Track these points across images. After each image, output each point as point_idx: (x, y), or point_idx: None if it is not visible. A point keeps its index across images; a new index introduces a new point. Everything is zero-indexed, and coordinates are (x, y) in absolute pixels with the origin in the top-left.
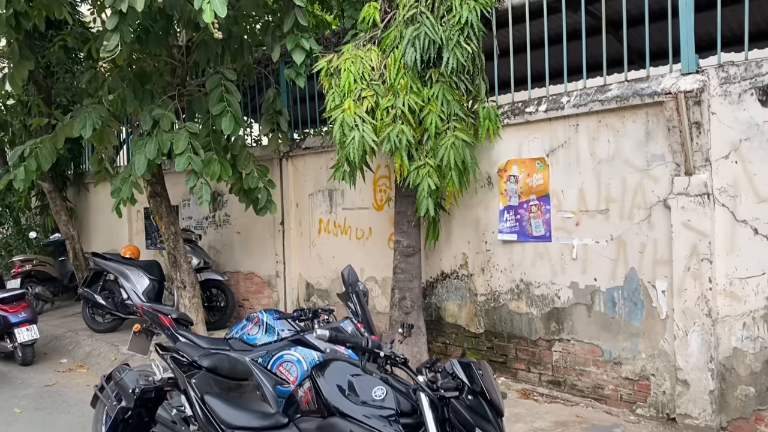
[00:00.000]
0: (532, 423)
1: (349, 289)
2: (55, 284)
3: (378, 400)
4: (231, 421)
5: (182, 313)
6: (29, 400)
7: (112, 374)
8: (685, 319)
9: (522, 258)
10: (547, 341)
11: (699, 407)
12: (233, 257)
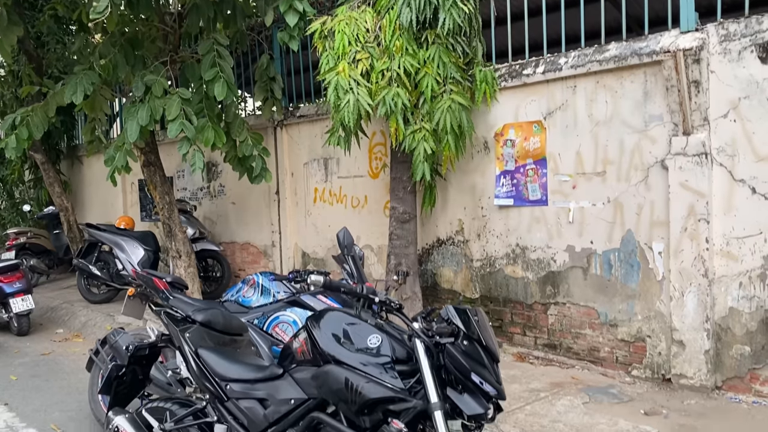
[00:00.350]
0: (528, 384)
1: (345, 251)
2: (50, 257)
3: (373, 348)
4: (225, 374)
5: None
6: (25, 368)
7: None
8: (681, 280)
9: (518, 223)
10: (542, 305)
11: (694, 367)
12: (228, 228)
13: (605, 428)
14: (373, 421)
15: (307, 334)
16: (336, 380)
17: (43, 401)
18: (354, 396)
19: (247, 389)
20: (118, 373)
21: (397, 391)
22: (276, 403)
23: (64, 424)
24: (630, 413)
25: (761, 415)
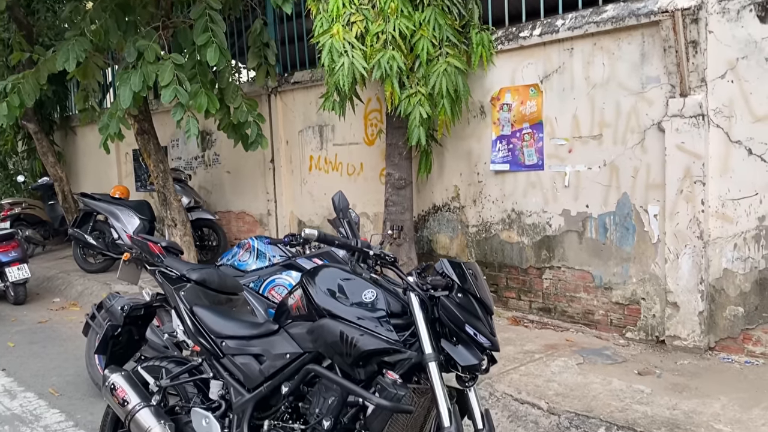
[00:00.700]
0: (522, 346)
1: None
2: (45, 228)
3: (368, 302)
4: (221, 331)
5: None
6: (22, 335)
7: (103, 302)
8: (676, 243)
9: (514, 188)
10: (537, 269)
11: (688, 328)
12: (224, 197)
13: (599, 388)
14: (368, 373)
15: (302, 290)
16: (331, 333)
17: (41, 367)
18: (349, 348)
19: (242, 345)
20: (113, 333)
21: (392, 343)
22: (271, 357)
23: (62, 388)
24: (623, 373)
25: (753, 374)
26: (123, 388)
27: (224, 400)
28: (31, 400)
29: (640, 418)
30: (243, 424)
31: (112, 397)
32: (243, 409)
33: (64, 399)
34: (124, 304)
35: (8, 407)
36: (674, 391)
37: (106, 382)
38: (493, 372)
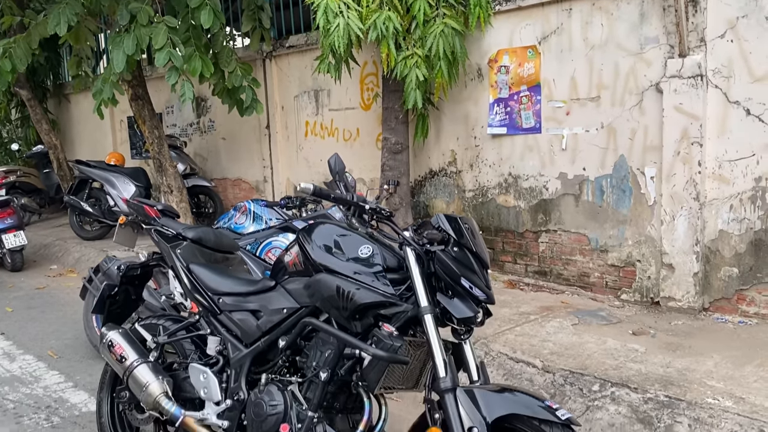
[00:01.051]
0: (518, 308)
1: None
2: (41, 196)
3: (364, 257)
4: (217, 288)
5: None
6: (20, 300)
7: (100, 265)
8: (672, 204)
9: (511, 151)
10: (534, 233)
11: (683, 290)
12: (219, 164)
13: (594, 347)
14: (364, 326)
15: (298, 246)
16: (328, 288)
17: (40, 330)
18: (345, 302)
19: (239, 302)
20: (110, 292)
21: (388, 296)
22: (268, 313)
23: (60, 350)
24: (618, 333)
25: (746, 334)
26: (120, 344)
27: (222, 356)
28: (30, 363)
29: (634, 375)
30: (241, 378)
31: (109, 353)
32: (241, 364)
33: (62, 361)
34: (121, 264)
35: (8, 369)
36: (668, 350)
37: (103, 339)
38: (489, 332)
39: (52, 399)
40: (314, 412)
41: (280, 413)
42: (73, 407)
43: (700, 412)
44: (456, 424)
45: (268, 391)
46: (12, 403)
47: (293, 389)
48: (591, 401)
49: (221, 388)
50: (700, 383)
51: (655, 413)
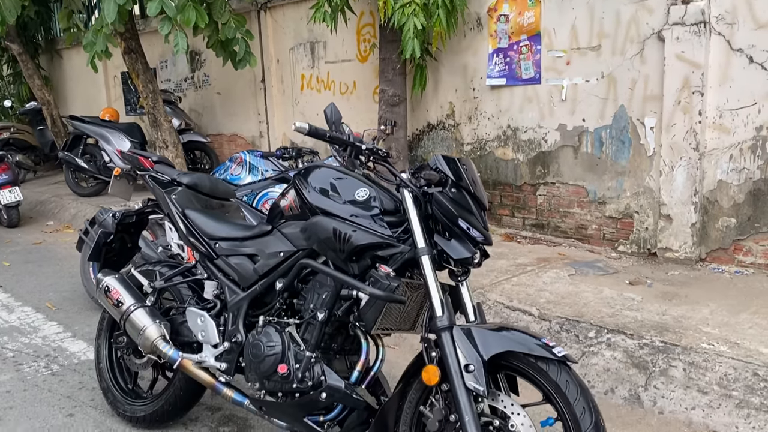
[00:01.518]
0: (515, 260)
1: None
2: (35, 153)
3: (361, 200)
4: (213, 233)
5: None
6: (18, 255)
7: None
8: (672, 155)
9: (510, 103)
10: (532, 186)
11: (680, 240)
12: (215, 119)
13: (590, 296)
14: (361, 268)
15: (294, 190)
16: (324, 230)
17: (37, 284)
18: (342, 244)
19: (235, 246)
20: (106, 240)
21: (385, 237)
22: (265, 257)
23: (58, 303)
24: (615, 283)
25: (742, 283)
26: (117, 289)
27: (219, 300)
28: (29, 314)
29: (630, 322)
30: (238, 321)
31: (106, 298)
32: (238, 307)
33: (61, 313)
34: (116, 212)
35: (6, 320)
36: (664, 299)
37: (99, 284)
38: (486, 282)
39: (51, 348)
40: (312, 353)
41: (278, 354)
42: (72, 356)
43: (695, 356)
44: (452, 361)
45: (265, 332)
46: (11, 352)
47: (291, 331)
48: (587, 347)
49: (219, 331)
50: (695, 329)
51: (650, 358)
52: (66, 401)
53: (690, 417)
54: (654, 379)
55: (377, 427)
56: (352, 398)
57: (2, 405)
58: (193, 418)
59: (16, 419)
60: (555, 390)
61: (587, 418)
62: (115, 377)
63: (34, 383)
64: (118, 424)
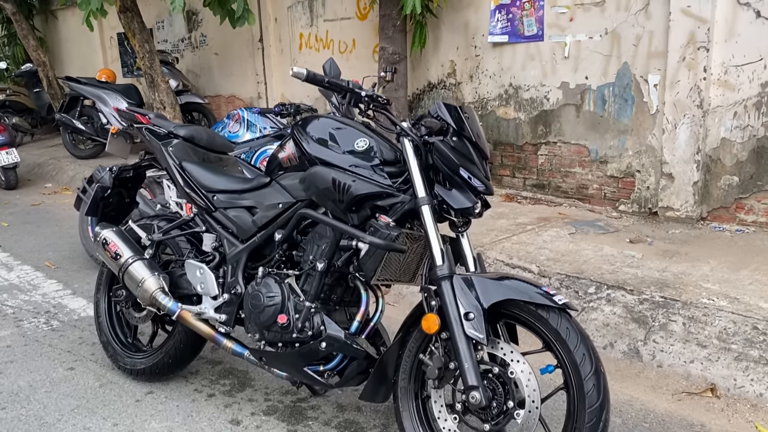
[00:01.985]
0: (515, 219)
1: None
2: (32, 116)
3: (361, 150)
4: (211, 185)
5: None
6: (16, 216)
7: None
8: (675, 112)
9: (512, 61)
10: (533, 145)
11: (681, 199)
12: (213, 80)
13: (590, 254)
14: (361, 218)
15: (293, 140)
16: (323, 180)
17: (36, 243)
18: (342, 194)
19: (234, 199)
20: (103, 194)
21: (385, 187)
22: (264, 208)
23: (58, 262)
24: (615, 242)
25: (743, 241)
26: (115, 242)
27: (218, 252)
28: (28, 272)
29: (630, 279)
30: (237, 273)
31: (104, 251)
32: (237, 259)
33: (60, 271)
34: (113, 167)
35: (6, 278)
36: (665, 257)
37: (97, 237)
38: (485, 241)
39: (51, 305)
40: (311, 303)
41: (277, 304)
42: (72, 312)
43: (694, 311)
44: (452, 309)
45: (265, 283)
46: (11, 308)
47: (290, 282)
48: (586, 303)
49: (218, 283)
50: (695, 285)
51: (650, 313)
52: (66, 356)
53: (689, 370)
54: (653, 334)
55: (376, 376)
56: (351, 348)
57: (3, 359)
58: (193, 372)
59: (17, 372)
60: (555, 337)
61: (587, 364)
62: (114, 331)
63: (35, 338)
64: (118, 377)
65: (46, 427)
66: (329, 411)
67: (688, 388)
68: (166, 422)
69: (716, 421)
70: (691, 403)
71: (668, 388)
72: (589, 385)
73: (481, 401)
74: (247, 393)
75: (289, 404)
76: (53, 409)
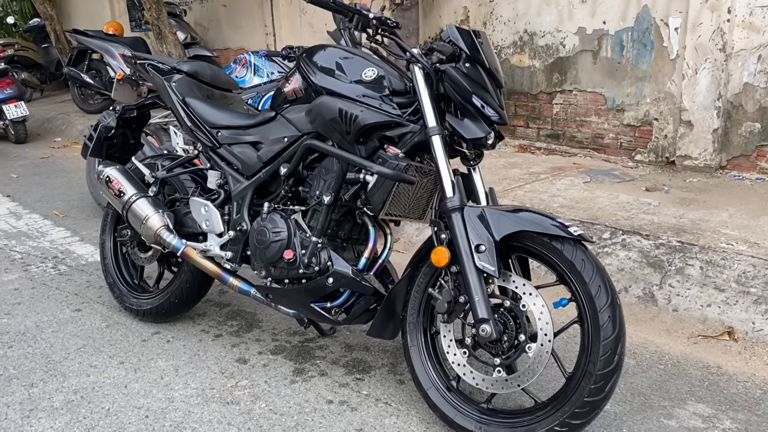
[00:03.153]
0: (528, 169)
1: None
2: (41, 71)
3: (369, 80)
4: (215, 121)
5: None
6: (25, 168)
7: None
8: (696, 57)
9: (528, 6)
10: (548, 94)
11: (700, 147)
12: (221, 33)
13: (605, 201)
14: (368, 150)
15: (298, 72)
16: (330, 110)
17: (45, 194)
18: (349, 125)
19: (238, 134)
20: (107, 134)
21: (394, 116)
22: (269, 143)
23: (66, 210)
24: (631, 189)
25: (764, 189)
26: (118, 179)
27: (223, 190)
28: (37, 220)
29: (646, 224)
30: (243, 210)
31: (107, 189)
32: (242, 196)
33: (68, 219)
34: (117, 107)
35: (14, 226)
36: (682, 204)
37: (100, 175)
38: (498, 189)
39: (59, 251)
40: (318, 238)
41: (283, 239)
42: (80, 257)
43: (712, 255)
44: (462, 241)
45: (270, 218)
46: (19, 254)
47: (297, 218)
48: (601, 248)
49: (223, 220)
50: (713, 231)
51: (666, 257)
52: (74, 298)
53: (705, 314)
54: (669, 278)
55: (384, 312)
56: (359, 284)
57: (11, 301)
58: (201, 314)
59: (24, 313)
60: (570, 269)
61: (603, 295)
62: (120, 272)
63: (42, 282)
64: (125, 318)
65: (53, 364)
66: (337, 350)
67: (705, 331)
68: (173, 360)
69: (733, 363)
70: (708, 346)
71: (684, 331)
72: (605, 316)
73: (491, 334)
74: (255, 333)
75: (296, 344)
76: (59, 348)
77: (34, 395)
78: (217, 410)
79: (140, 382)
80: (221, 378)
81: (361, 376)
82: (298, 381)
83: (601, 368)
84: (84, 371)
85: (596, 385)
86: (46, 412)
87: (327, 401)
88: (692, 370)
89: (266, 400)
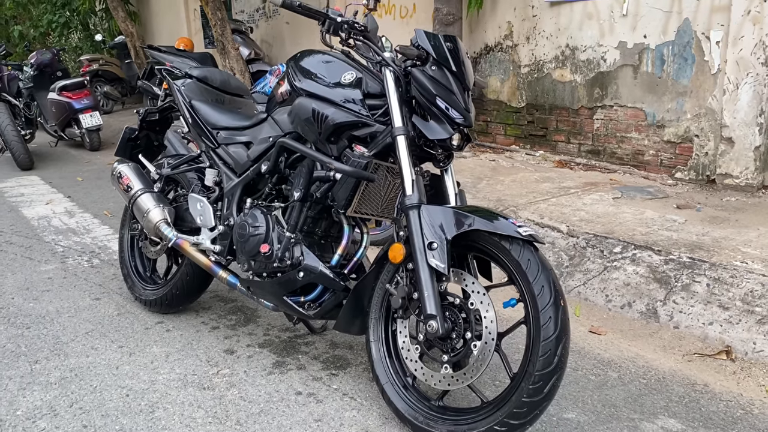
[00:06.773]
0: (560, 183)
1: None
2: (122, 85)
3: (347, 83)
4: (216, 123)
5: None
6: (92, 173)
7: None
8: (737, 71)
9: (569, 20)
10: (589, 109)
11: (741, 165)
12: (284, 49)
13: (629, 217)
14: (339, 149)
15: (286, 75)
16: (305, 110)
17: (102, 196)
18: (320, 125)
19: (234, 135)
20: (131, 135)
21: (362, 116)
22: (258, 142)
23: (116, 211)
24: (661, 207)
25: None
26: (128, 176)
27: (218, 187)
28: (86, 219)
29: (662, 240)
30: (232, 205)
31: (118, 184)
32: (232, 193)
33: (115, 219)
34: (140, 110)
35: (65, 223)
36: (711, 223)
37: (113, 171)
38: (521, 202)
39: (97, 246)
40: (292, 233)
41: (261, 234)
42: (114, 253)
43: (722, 272)
44: (417, 238)
45: (252, 214)
46: (61, 247)
47: (277, 214)
48: (609, 262)
49: (216, 216)
50: (733, 249)
51: (673, 273)
52: (97, 288)
53: (706, 332)
54: (674, 294)
55: (350, 307)
56: (329, 279)
57: (41, 288)
58: (206, 307)
59: (50, 300)
60: (516, 269)
61: (546, 295)
62: (135, 264)
63: (74, 273)
64: (135, 308)
65: (60, 345)
66: (321, 347)
67: (702, 349)
68: (166, 348)
69: (723, 382)
70: (701, 365)
71: (680, 349)
72: (546, 316)
73: (437, 330)
74: (249, 328)
75: (285, 339)
76: (70, 331)
77: (35, 371)
78: (192, 394)
79: (131, 365)
80: (205, 366)
81: (336, 372)
82: (276, 373)
83: (540, 368)
84: (85, 352)
85: (535, 386)
86: (41, 386)
87: (296, 392)
88: (675, 387)
89: (240, 388)
